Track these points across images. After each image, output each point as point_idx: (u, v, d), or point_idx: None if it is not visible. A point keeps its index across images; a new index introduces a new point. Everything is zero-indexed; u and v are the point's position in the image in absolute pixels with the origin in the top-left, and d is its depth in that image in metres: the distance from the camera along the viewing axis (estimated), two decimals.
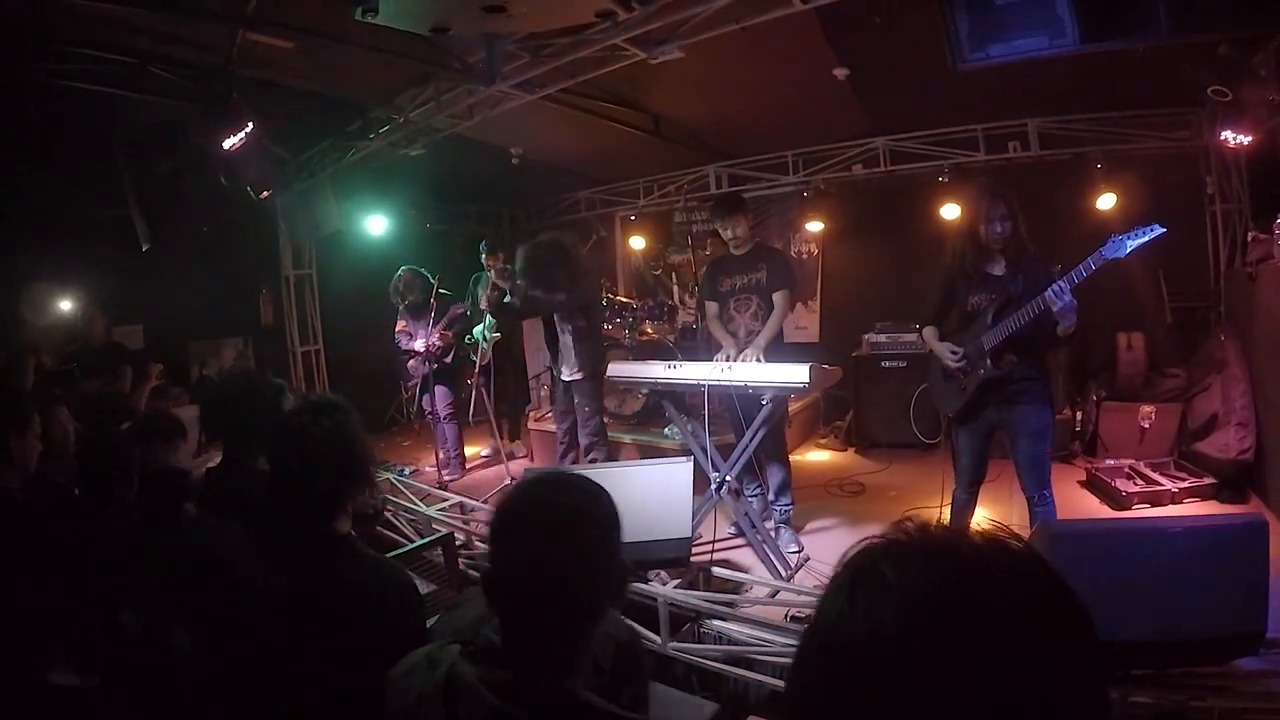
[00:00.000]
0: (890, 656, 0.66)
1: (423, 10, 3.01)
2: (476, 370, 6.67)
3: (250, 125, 5.09)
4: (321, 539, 2.01)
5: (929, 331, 4.11)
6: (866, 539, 0.76)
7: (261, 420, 2.59)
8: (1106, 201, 6.27)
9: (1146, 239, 3.36)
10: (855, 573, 0.73)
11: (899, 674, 0.65)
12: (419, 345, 6.83)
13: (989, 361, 3.76)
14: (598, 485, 1.48)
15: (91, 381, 5.35)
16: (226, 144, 5.11)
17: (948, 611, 0.67)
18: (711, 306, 5.16)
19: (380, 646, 1.63)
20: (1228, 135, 5.05)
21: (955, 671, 0.64)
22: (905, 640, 0.66)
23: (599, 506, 1.45)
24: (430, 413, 7.06)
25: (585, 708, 1.31)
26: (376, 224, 7.92)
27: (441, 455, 7.01)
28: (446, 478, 6.83)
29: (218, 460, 2.93)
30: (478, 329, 6.97)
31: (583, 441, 5.56)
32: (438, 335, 6.75)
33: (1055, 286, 3.45)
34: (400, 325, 7.06)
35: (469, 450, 7.54)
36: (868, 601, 0.70)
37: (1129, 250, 3.37)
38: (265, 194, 6.95)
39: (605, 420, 5.75)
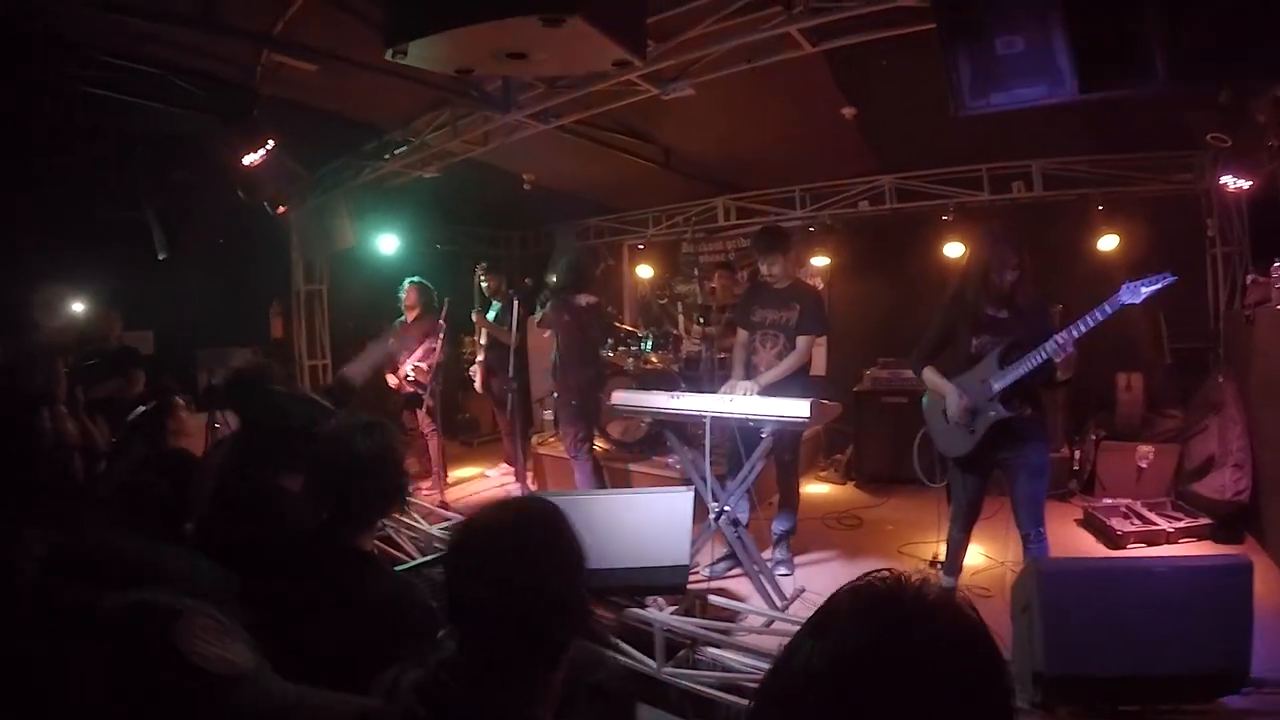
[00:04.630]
0: (812, 703, 0.72)
1: (449, 54, 3.14)
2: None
3: (270, 142, 5.16)
4: (351, 554, 2.03)
5: (930, 372, 4.07)
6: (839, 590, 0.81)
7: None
8: (1108, 243, 6.34)
9: (1159, 286, 3.40)
10: (813, 624, 0.79)
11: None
12: (406, 369, 6.92)
13: (1000, 405, 3.75)
14: (562, 517, 1.46)
15: (106, 384, 5.31)
16: (246, 160, 5.18)
17: (873, 667, 0.71)
18: (742, 334, 5.14)
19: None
20: (1228, 180, 5.09)
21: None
22: (827, 687, 0.71)
23: (562, 536, 1.43)
24: (410, 429, 7.19)
25: None
26: (388, 243, 8.01)
27: (418, 466, 7.24)
28: (425, 492, 6.91)
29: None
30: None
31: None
32: (423, 362, 6.83)
33: (1057, 340, 3.49)
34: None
35: (469, 471, 7.72)
36: (809, 651, 0.75)
37: (1143, 297, 3.40)
38: (281, 209, 7.07)
39: (593, 445, 6.02)
